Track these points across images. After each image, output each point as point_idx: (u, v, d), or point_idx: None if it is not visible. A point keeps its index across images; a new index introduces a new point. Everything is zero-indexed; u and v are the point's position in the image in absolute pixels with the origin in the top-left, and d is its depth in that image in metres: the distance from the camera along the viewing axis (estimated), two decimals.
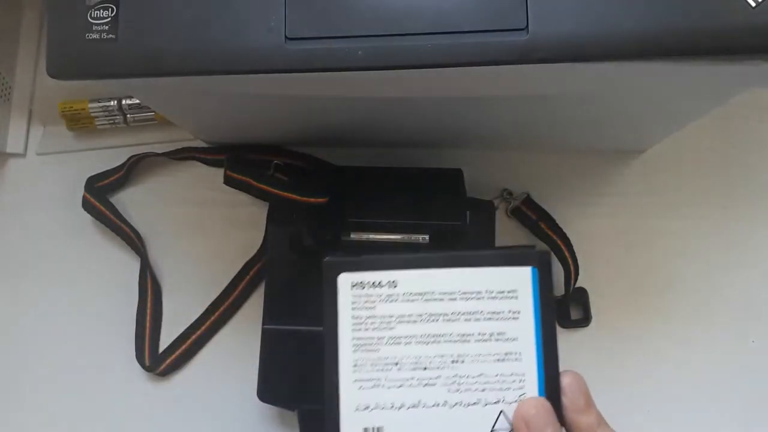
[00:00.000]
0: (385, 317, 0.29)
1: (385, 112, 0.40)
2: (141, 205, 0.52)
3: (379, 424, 0.28)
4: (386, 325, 0.29)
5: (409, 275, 0.29)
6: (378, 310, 0.29)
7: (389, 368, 0.29)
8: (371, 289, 0.29)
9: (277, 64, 0.29)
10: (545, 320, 0.29)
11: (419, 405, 0.29)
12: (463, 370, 0.29)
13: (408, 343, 0.29)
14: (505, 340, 0.29)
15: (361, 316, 0.29)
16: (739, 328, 0.47)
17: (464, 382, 0.29)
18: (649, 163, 0.50)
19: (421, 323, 0.29)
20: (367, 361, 0.29)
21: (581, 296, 0.47)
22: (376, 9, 0.28)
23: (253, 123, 0.45)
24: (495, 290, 0.29)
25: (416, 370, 0.29)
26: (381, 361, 0.29)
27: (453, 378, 0.29)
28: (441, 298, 0.29)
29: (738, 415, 0.46)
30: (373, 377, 0.29)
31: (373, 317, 0.29)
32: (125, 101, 0.51)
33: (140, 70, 0.30)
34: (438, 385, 0.29)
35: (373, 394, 0.28)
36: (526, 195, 0.48)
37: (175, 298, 0.50)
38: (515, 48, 0.27)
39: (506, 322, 0.29)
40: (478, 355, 0.29)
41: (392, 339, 0.29)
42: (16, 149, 0.54)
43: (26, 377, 0.50)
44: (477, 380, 0.29)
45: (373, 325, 0.29)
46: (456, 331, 0.29)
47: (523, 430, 0.28)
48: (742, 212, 0.49)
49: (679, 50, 0.27)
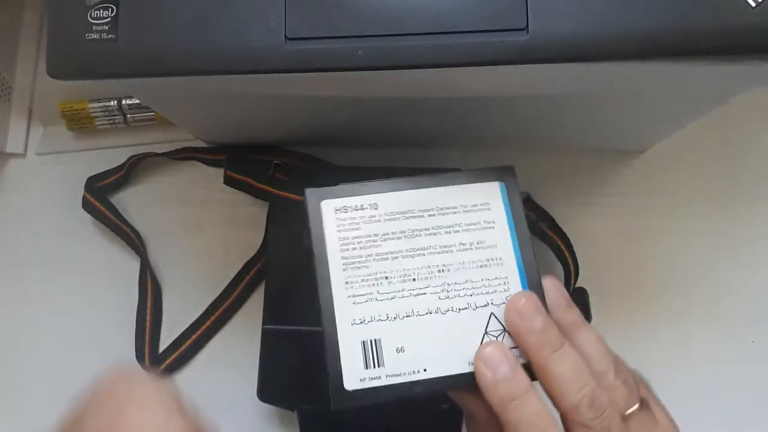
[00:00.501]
0: (371, 236, 0.31)
1: (385, 111, 0.40)
2: (141, 205, 0.52)
3: (376, 336, 0.29)
4: (372, 244, 0.31)
5: (388, 197, 0.31)
6: (362, 230, 0.31)
7: (380, 282, 0.30)
8: (354, 212, 0.31)
9: (277, 64, 0.29)
10: (519, 228, 0.31)
11: (413, 314, 0.30)
12: (450, 278, 0.30)
13: (395, 258, 0.31)
14: (485, 247, 0.31)
15: (347, 237, 0.31)
16: (739, 328, 0.47)
17: (452, 289, 0.30)
18: (649, 163, 0.50)
19: (405, 239, 0.31)
20: (358, 278, 0.30)
21: (581, 296, 0.47)
22: (376, 9, 0.28)
23: (253, 123, 0.45)
24: (469, 204, 0.31)
25: (405, 281, 0.30)
26: (371, 277, 0.30)
27: (441, 286, 0.30)
28: (421, 215, 0.31)
29: (738, 415, 0.46)
30: (365, 292, 0.30)
31: (359, 237, 0.31)
32: (125, 101, 0.51)
33: (140, 70, 0.30)
34: (428, 294, 0.30)
35: (367, 308, 0.30)
36: (526, 195, 0.48)
37: (175, 298, 0.50)
38: (515, 48, 0.27)
39: (483, 232, 0.31)
40: (461, 263, 0.31)
41: (379, 255, 0.31)
42: (16, 149, 0.54)
43: (26, 377, 0.50)
44: (464, 286, 0.30)
45: (360, 245, 0.31)
46: (438, 243, 0.31)
47: (516, 321, 0.29)
48: (742, 212, 0.49)
49: (679, 50, 0.27)
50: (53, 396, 0.50)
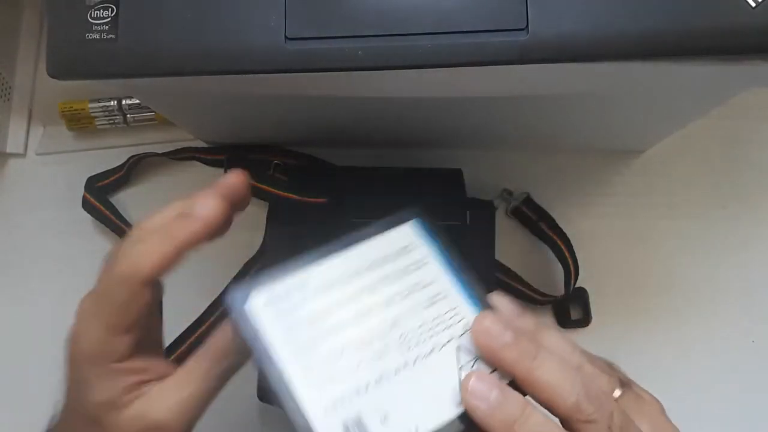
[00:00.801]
0: (311, 315, 0.29)
1: (385, 112, 0.40)
2: (141, 205, 0.52)
3: (355, 414, 0.27)
4: (316, 321, 0.29)
5: (312, 271, 0.30)
6: (301, 311, 0.29)
7: (337, 358, 0.28)
8: (286, 298, 0.29)
9: (277, 64, 0.29)
10: (451, 255, 0.31)
11: (383, 377, 0.28)
12: (404, 328, 0.29)
13: (344, 327, 0.29)
14: (425, 286, 0.30)
15: (287, 324, 0.29)
16: (739, 328, 0.47)
17: (411, 338, 0.29)
18: (649, 163, 0.50)
19: (347, 305, 0.29)
20: (314, 361, 0.28)
21: (581, 296, 0.47)
22: (376, 9, 0.28)
23: (253, 123, 0.45)
24: (392, 252, 0.31)
25: (364, 347, 0.29)
26: (326, 355, 0.28)
27: (400, 339, 0.29)
28: (353, 277, 0.30)
29: (738, 414, 0.46)
30: (326, 373, 0.28)
31: (299, 320, 0.29)
32: (125, 101, 0.51)
33: (140, 70, 0.30)
34: (390, 352, 0.29)
35: (335, 389, 0.28)
36: (526, 195, 0.48)
37: (175, 298, 0.50)
38: (515, 48, 0.27)
39: (417, 272, 0.30)
40: (409, 309, 0.30)
41: (326, 331, 0.29)
42: (16, 149, 0.54)
43: (26, 377, 0.50)
44: (421, 331, 0.29)
45: (303, 327, 0.29)
46: (380, 299, 0.30)
47: (487, 342, 0.28)
48: (742, 212, 0.49)
49: (679, 50, 0.27)
50: (53, 396, 0.50)
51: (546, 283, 0.48)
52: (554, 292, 0.47)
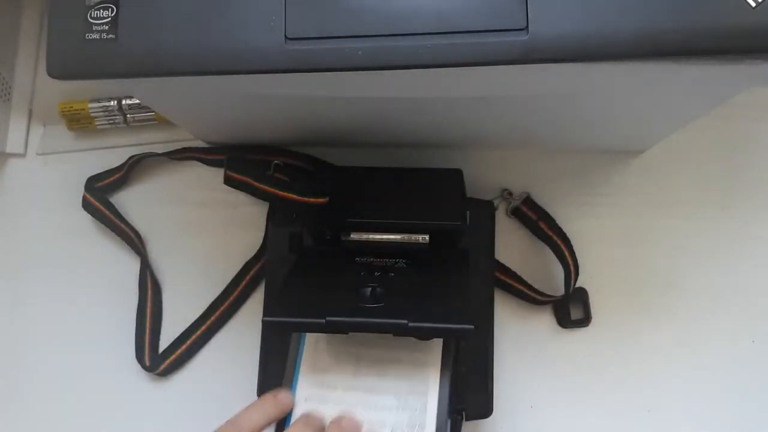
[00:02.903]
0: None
1: (385, 111, 0.40)
2: (141, 205, 0.52)
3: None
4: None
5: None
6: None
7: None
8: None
9: (277, 64, 0.29)
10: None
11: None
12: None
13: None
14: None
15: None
16: (739, 328, 0.47)
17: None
18: (649, 163, 0.50)
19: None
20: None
21: (581, 296, 0.47)
22: (376, 9, 0.28)
23: (253, 123, 0.45)
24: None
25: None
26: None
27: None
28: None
29: (738, 415, 0.46)
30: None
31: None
32: (125, 101, 0.51)
33: (140, 70, 0.30)
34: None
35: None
36: (526, 195, 0.48)
37: (175, 298, 0.50)
38: (515, 48, 0.27)
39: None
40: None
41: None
42: (16, 149, 0.54)
43: (26, 377, 0.50)
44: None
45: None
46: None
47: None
48: (742, 212, 0.49)
49: (679, 50, 0.27)
50: (53, 396, 0.50)
51: (546, 283, 0.48)
52: (554, 292, 0.47)
